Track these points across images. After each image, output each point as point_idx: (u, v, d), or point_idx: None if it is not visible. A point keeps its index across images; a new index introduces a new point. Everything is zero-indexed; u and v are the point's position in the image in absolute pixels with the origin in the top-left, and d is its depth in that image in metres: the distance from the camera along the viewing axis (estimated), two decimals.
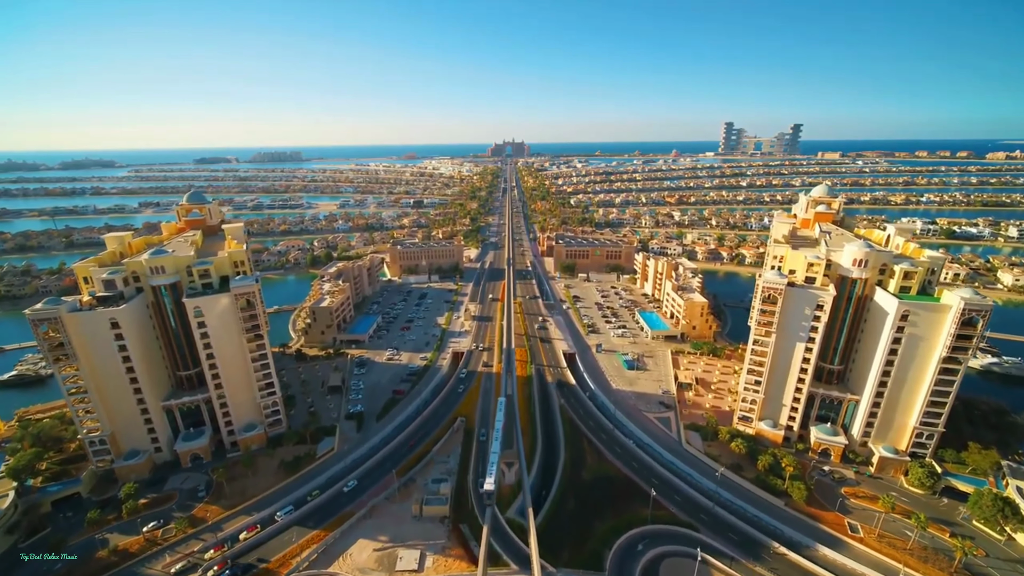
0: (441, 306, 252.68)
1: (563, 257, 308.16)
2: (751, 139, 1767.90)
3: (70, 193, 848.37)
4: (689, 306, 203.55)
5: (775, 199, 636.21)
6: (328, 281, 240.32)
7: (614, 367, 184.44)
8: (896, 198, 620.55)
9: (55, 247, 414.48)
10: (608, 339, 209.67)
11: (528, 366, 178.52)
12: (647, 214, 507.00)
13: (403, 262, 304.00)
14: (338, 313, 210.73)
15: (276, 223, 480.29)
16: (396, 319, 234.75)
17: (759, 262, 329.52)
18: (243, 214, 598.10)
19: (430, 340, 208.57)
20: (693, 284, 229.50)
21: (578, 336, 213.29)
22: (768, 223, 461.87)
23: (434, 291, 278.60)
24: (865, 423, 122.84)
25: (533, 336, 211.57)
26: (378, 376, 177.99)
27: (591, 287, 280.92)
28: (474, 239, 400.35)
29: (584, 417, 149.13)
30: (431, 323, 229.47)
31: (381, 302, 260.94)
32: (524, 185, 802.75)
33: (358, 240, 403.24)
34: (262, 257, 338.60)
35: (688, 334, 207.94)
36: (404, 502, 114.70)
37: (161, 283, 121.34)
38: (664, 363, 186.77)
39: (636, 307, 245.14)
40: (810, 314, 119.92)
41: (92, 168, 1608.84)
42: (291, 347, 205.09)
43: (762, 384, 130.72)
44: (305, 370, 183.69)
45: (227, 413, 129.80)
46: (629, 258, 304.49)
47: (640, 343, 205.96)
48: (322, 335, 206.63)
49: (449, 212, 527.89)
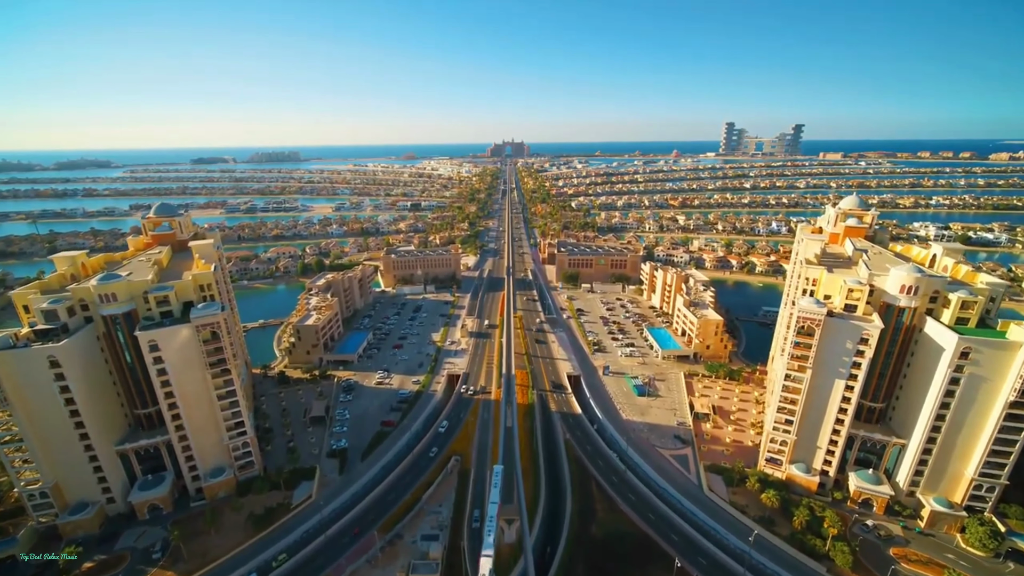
0: (436, 320, 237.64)
1: (565, 266, 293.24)
2: (752, 139, 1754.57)
3: (61, 195, 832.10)
4: (703, 324, 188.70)
5: (780, 202, 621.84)
6: (316, 295, 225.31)
7: (623, 392, 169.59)
8: (904, 201, 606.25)
9: (38, 253, 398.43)
10: (615, 359, 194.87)
11: (529, 392, 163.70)
12: (651, 218, 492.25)
13: (397, 272, 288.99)
14: (325, 331, 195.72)
15: (268, 227, 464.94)
16: (388, 336, 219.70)
17: (770, 271, 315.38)
18: (236, 217, 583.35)
19: (424, 360, 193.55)
20: (706, 298, 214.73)
21: (583, 355, 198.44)
22: (776, 228, 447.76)
23: (429, 303, 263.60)
24: (913, 471, 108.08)
25: (535, 356, 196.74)
26: (366, 403, 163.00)
27: (595, 299, 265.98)
28: (472, 245, 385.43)
29: (592, 455, 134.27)
30: (425, 340, 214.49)
31: (373, 315, 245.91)
32: (524, 187, 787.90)
33: (352, 246, 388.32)
34: (250, 266, 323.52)
35: (701, 354, 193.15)
36: (388, 566, 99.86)
37: (112, 312, 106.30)
38: (677, 388, 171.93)
39: (644, 322, 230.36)
40: (852, 348, 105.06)
41: (87, 168, 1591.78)
42: (274, 368, 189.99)
43: (794, 424, 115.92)
44: (287, 396, 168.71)
45: (190, 457, 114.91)
46: (635, 267, 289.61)
47: (650, 364, 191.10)
48: (307, 355, 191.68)
49: (447, 216, 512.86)
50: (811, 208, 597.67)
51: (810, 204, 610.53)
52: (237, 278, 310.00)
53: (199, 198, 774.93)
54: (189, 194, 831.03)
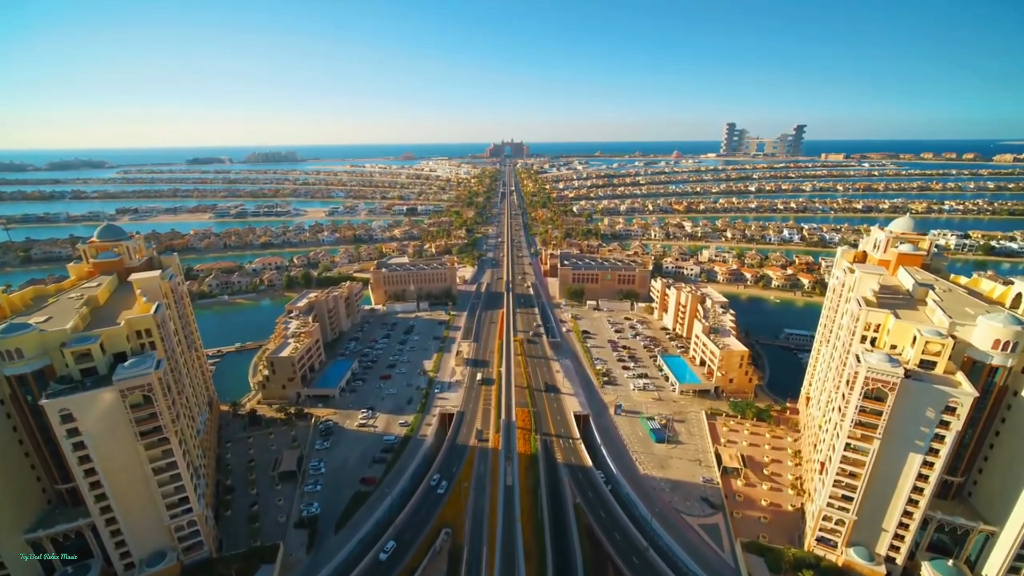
0: (429, 344, 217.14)
1: (570, 282, 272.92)
2: (753, 140, 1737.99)
3: (48, 197, 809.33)
4: (726, 357, 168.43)
5: (788, 206, 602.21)
6: (296, 317, 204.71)
7: (638, 437, 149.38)
8: (916, 206, 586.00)
9: (10, 263, 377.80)
10: (627, 394, 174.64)
11: (532, 438, 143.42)
12: (656, 224, 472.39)
13: (388, 287, 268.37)
14: (303, 362, 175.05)
15: (257, 234, 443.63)
16: (376, 363, 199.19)
17: (787, 285, 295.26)
18: (225, 222, 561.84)
19: (413, 396, 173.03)
20: (726, 323, 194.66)
21: (591, 389, 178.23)
22: (788, 236, 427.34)
23: (422, 323, 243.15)
24: (1008, 567, 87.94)
25: (537, 389, 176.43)
26: (346, 451, 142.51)
27: (602, 318, 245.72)
28: (469, 255, 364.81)
29: (608, 526, 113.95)
30: (416, 369, 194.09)
31: (360, 338, 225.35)
32: (524, 190, 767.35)
33: (343, 255, 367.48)
34: (232, 279, 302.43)
35: (724, 388, 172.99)
36: None
37: (18, 372, 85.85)
38: (700, 432, 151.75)
39: (657, 347, 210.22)
40: (935, 418, 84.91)
41: (80, 169, 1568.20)
42: (244, 405, 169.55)
43: (855, 502, 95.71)
44: (256, 442, 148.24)
45: (122, 542, 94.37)
46: (644, 283, 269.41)
47: (666, 399, 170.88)
48: (283, 389, 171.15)
49: (444, 221, 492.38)
50: (819, 213, 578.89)
51: (819, 209, 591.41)
52: (217, 293, 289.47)
53: (189, 201, 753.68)
54: (180, 196, 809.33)
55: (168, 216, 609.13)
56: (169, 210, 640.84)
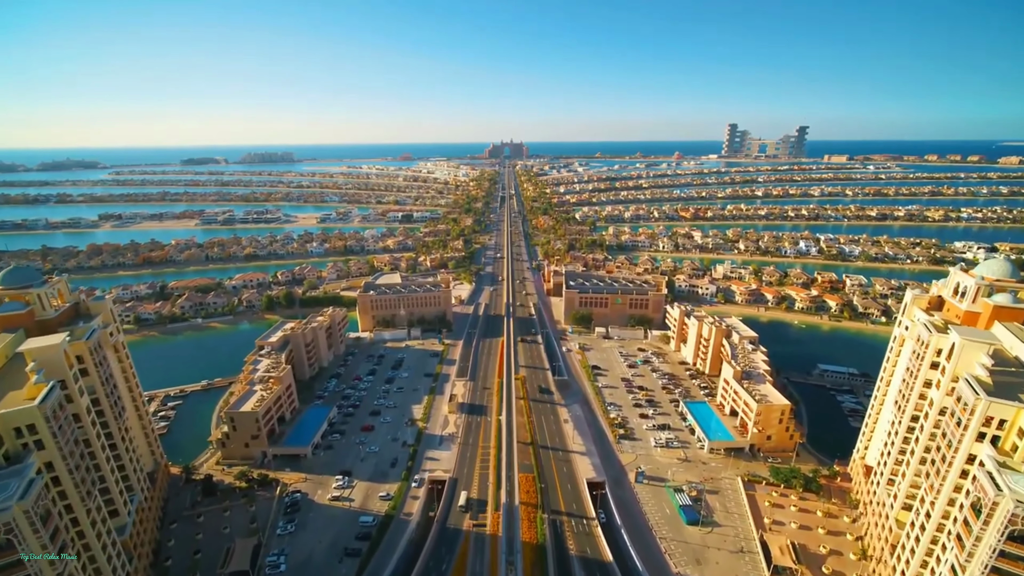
0: (420, 383, 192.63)
1: (576, 305, 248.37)
2: (755, 141, 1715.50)
3: (32, 201, 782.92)
4: (765, 412, 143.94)
5: (800, 214, 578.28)
6: (268, 355, 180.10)
7: (665, 516, 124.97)
8: (933, 214, 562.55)
9: None
10: (648, 451, 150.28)
11: (539, 520, 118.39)
12: (663, 234, 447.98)
13: (376, 312, 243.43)
14: (270, 415, 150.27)
15: (243, 244, 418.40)
16: (358, 408, 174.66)
17: (812, 308, 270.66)
18: (212, 230, 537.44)
19: (399, 455, 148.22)
20: (758, 363, 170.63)
21: (605, 444, 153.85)
22: (805, 248, 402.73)
23: (413, 354, 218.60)
24: None
25: (543, 446, 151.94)
26: (313, 538, 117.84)
27: (613, 349, 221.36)
28: (466, 270, 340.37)
29: None
30: (404, 415, 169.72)
31: (343, 374, 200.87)
32: (524, 194, 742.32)
33: (330, 270, 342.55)
34: (208, 299, 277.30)
35: (760, 445, 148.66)
36: None
37: None
38: (738, 507, 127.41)
39: (676, 387, 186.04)
40: None
41: (73, 169, 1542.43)
42: (199, 469, 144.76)
43: None
44: (208, 521, 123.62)
45: None
46: (658, 307, 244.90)
47: (694, 460, 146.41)
48: (246, 448, 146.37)
49: (440, 231, 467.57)
50: (832, 221, 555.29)
51: (831, 217, 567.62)
52: (190, 316, 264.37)
53: (178, 205, 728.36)
54: (169, 200, 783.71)
55: (152, 223, 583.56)
56: (154, 216, 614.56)
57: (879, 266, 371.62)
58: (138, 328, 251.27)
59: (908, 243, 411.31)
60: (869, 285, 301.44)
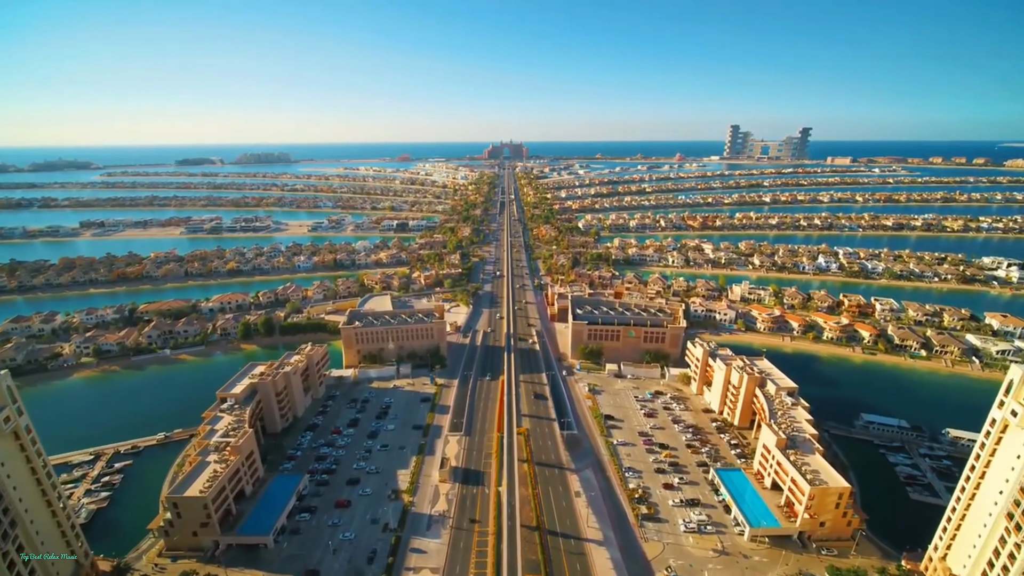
0: (408, 438, 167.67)
1: (584, 338, 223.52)
2: (758, 143, 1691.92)
3: (15, 205, 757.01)
4: (820, 496, 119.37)
5: (812, 222, 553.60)
6: (230, 410, 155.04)
7: None
8: (951, 223, 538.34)
9: None
10: (676, 538, 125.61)
11: None
12: (672, 247, 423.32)
13: (362, 346, 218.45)
14: (224, 495, 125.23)
15: (225, 258, 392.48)
16: (334, 473, 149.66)
17: (842, 338, 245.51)
18: (197, 239, 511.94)
19: (378, 546, 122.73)
20: (802, 424, 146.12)
21: (625, 528, 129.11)
22: (825, 265, 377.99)
23: (402, 398, 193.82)
24: None
25: (552, 531, 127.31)
26: None
27: (627, 392, 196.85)
28: (464, 289, 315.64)
29: None
30: (387, 485, 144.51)
31: (320, 425, 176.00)
32: (524, 199, 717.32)
33: (316, 289, 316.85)
34: (178, 327, 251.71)
35: (811, 532, 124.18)
36: None
37: None
38: None
39: (703, 444, 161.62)
40: None
41: (65, 169, 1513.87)
42: (135, 564, 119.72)
43: None
44: None
45: None
46: (675, 341, 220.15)
47: (734, 551, 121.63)
48: (194, 538, 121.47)
49: (436, 241, 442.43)
50: (846, 231, 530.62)
51: (845, 226, 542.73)
52: (158, 348, 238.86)
53: (165, 211, 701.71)
54: (157, 205, 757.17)
55: (136, 231, 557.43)
56: (139, 223, 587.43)
57: (904, 284, 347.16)
58: (98, 362, 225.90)
59: (933, 258, 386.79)
60: (901, 309, 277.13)
